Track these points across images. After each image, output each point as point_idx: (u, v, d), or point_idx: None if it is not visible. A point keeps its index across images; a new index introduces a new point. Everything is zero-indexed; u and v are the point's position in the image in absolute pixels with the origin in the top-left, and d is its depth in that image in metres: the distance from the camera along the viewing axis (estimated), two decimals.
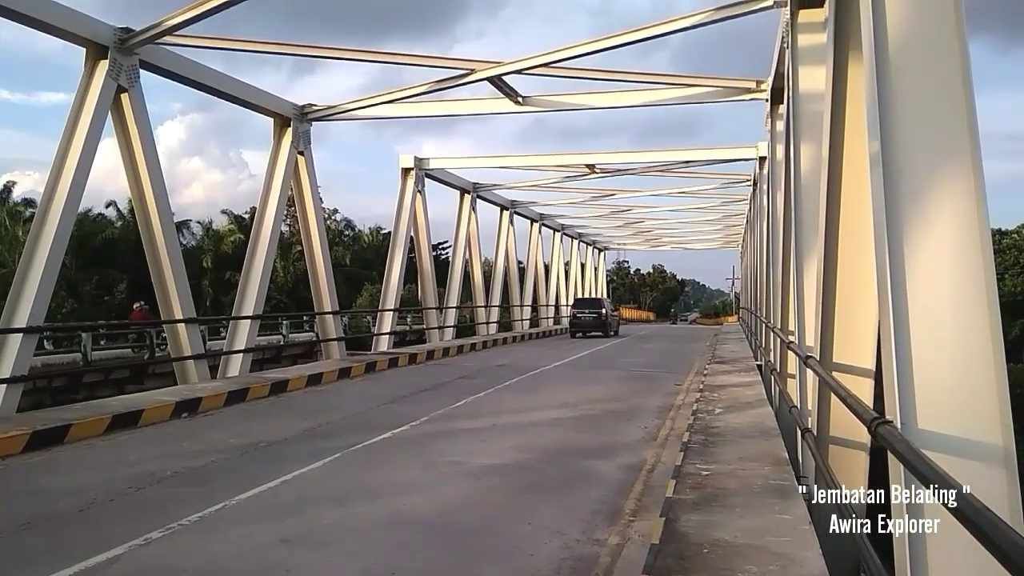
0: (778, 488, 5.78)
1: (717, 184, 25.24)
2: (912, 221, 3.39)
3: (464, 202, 23.66)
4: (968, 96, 3.41)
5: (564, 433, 8.79)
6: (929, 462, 2.37)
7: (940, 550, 2.82)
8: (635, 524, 5.35)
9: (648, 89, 14.71)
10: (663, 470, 6.78)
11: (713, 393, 11.33)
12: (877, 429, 3.02)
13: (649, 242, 47.59)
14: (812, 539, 4.56)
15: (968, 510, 1.91)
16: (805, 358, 6.27)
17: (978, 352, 3.17)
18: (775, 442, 7.57)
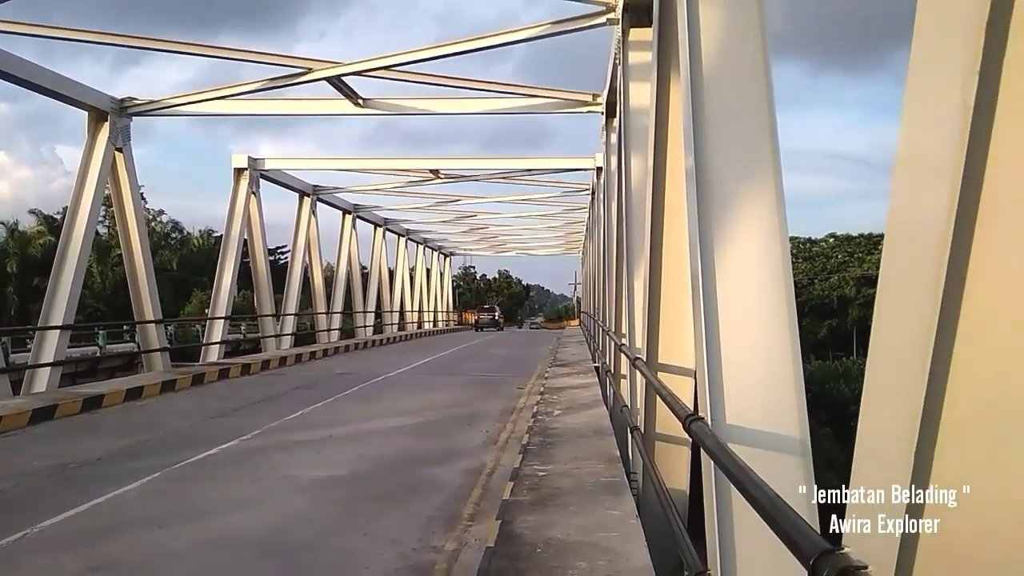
0: (609, 485, 6.02)
1: (559, 192, 26.06)
2: (722, 231, 3.63)
3: (303, 205, 22.87)
4: (771, 115, 3.69)
5: (404, 441, 8.69)
6: (733, 455, 2.53)
7: (744, 538, 3.03)
8: (472, 528, 5.37)
9: (492, 98, 14.94)
10: (502, 473, 6.86)
11: (553, 395, 11.64)
12: (690, 425, 3.21)
13: (495, 248, 48.31)
14: (639, 533, 4.78)
15: (763, 499, 2.06)
16: (634, 359, 6.59)
17: (779, 352, 3.43)
18: (609, 441, 7.88)
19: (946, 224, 1.24)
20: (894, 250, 1.47)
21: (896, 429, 1.40)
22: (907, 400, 1.35)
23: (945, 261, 1.26)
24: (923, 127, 1.36)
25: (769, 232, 3.56)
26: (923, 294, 1.31)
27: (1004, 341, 1.33)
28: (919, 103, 1.36)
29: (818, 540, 1.65)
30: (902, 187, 1.43)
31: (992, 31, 1.16)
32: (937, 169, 1.29)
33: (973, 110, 1.17)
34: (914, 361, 1.34)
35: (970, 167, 1.21)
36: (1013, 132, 1.23)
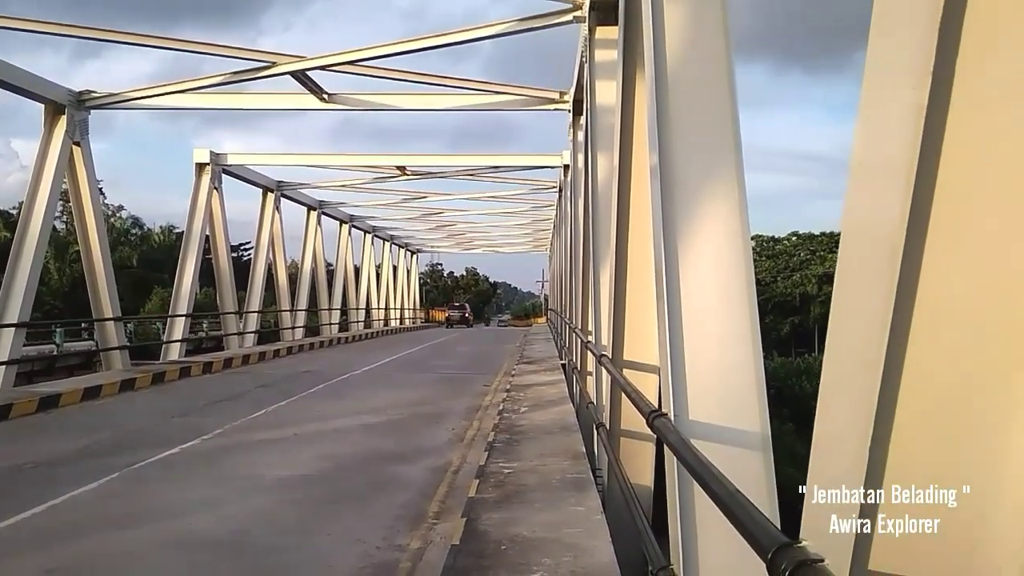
0: (575, 481, 6.04)
1: (526, 189, 26.08)
2: (685, 229, 3.66)
3: (267, 201, 22.57)
4: (734, 114, 3.73)
5: (370, 439, 8.63)
6: (695, 451, 2.55)
7: (706, 533, 3.06)
8: (438, 526, 5.35)
9: (459, 94, 14.90)
10: (468, 470, 6.85)
11: (519, 392, 11.66)
12: (654, 421, 3.23)
13: (462, 245, 48.21)
14: (603, 529, 4.81)
15: (723, 494, 2.08)
16: (600, 356, 6.62)
17: (741, 349, 3.47)
18: (575, 437, 7.92)
19: (900, 223, 1.27)
20: (850, 250, 1.50)
21: (851, 426, 1.43)
22: (862, 397, 1.38)
23: (899, 260, 1.28)
24: (878, 127, 1.39)
25: (731, 230, 3.60)
26: (877, 294, 1.34)
27: (955, 339, 1.36)
28: (874, 104, 1.38)
29: (776, 534, 1.67)
30: (857, 187, 1.45)
31: (945, 32, 1.18)
32: (891, 169, 1.31)
33: (926, 110, 1.19)
34: (869, 360, 1.36)
35: (923, 167, 1.24)
36: (965, 132, 1.26)
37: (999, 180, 1.30)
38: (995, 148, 1.28)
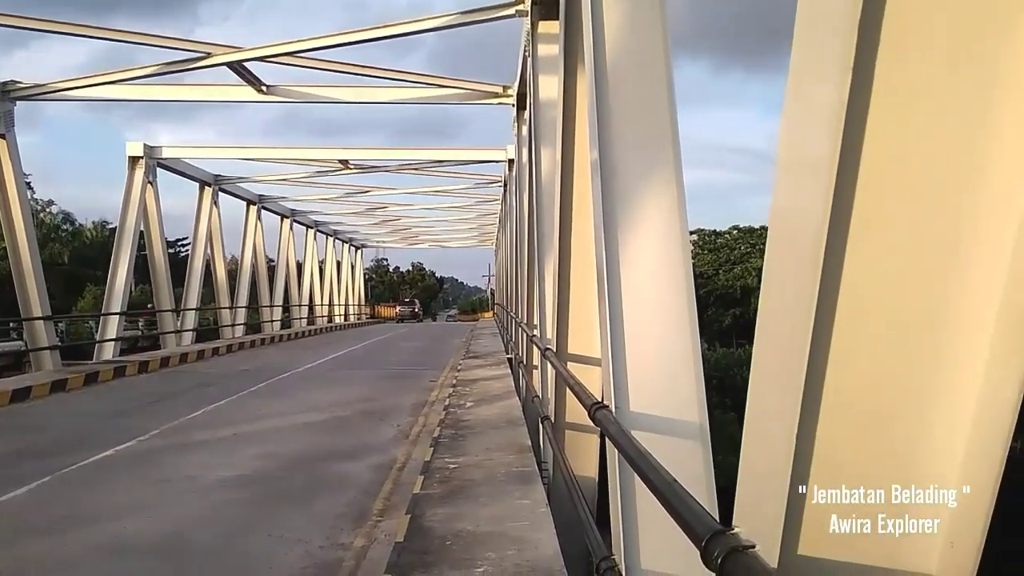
0: (520, 475, 6.07)
1: (471, 184, 26.00)
2: (625, 223, 3.70)
3: (204, 195, 21.99)
4: (672, 110, 3.78)
5: (313, 437, 8.50)
6: (634, 441, 2.59)
7: (646, 523, 3.11)
8: (382, 524, 5.31)
9: (402, 87, 14.77)
10: (413, 467, 6.81)
11: (466, 388, 11.64)
12: (595, 413, 3.27)
13: (407, 240, 47.83)
14: (548, 521, 4.84)
15: (660, 483, 2.12)
16: (544, 350, 6.66)
17: (680, 341, 3.53)
18: (520, 431, 7.95)
19: (822, 218, 1.30)
20: (776, 244, 1.53)
21: (779, 416, 1.47)
22: (788, 388, 1.42)
23: (821, 255, 1.32)
24: (801, 124, 1.42)
25: (670, 224, 3.65)
26: (802, 288, 1.37)
27: (877, 331, 1.41)
28: (798, 100, 1.42)
29: (710, 521, 1.71)
30: (783, 182, 1.49)
31: (865, 29, 1.21)
32: (813, 165, 1.35)
33: (847, 107, 1.23)
34: (794, 351, 1.40)
35: (844, 163, 1.27)
36: (884, 129, 1.30)
37: (917, 176, 1.35)
38: (913, 144, 1.33)
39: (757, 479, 1.61)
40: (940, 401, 1.47)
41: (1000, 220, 1.37)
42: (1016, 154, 1.32)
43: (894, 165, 1.31)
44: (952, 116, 1.32)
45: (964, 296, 1.41)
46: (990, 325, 1.41)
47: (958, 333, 1.43)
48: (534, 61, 8.64)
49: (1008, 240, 1.38)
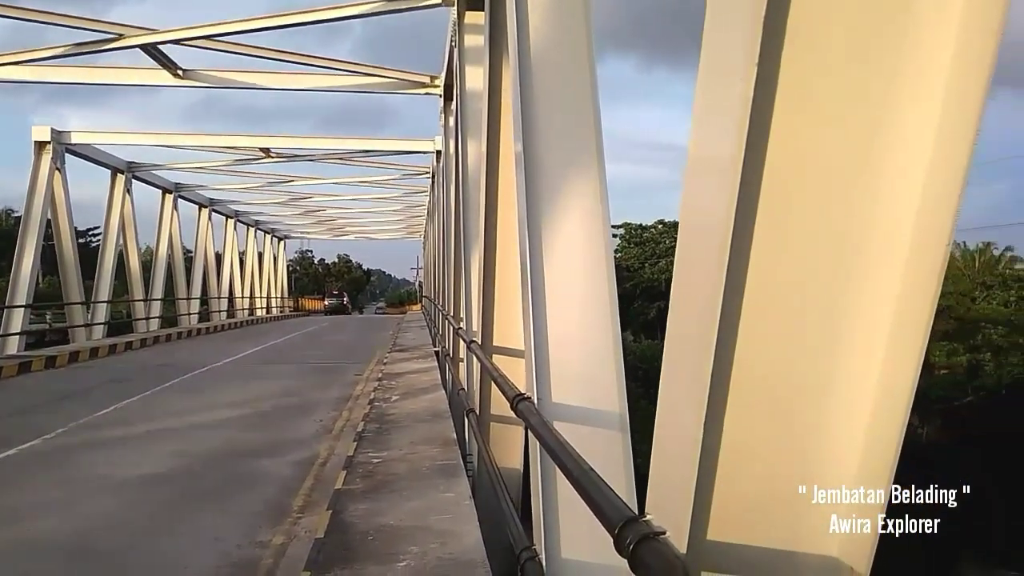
0: (445, 468, 6.05)
1: (399, 175, 25.69)
2: (549, 216, 3.72)
3: (117, 183, 21.02)
4: (595, 104, 3.82)
5: (231, 434, 8.27)
6: (553, 432, 2.61)
7: (566, 512, 3.14)
8: (303, 520, 5.21)
9: (327, 75, 14.46)
10: (336, 462, 6.70)
11: (391, 381, 11.53)
12: (518, 405, 3.28)
13: (333, 231, 46.95)
14: (472, 514, 4.84)
15: (577, 472, 2.14)
16: (469, 342, 6.64)
17: (601, 333, 3.57)
18: (446, 424, 7.92)
19: (727, 215, 1.33)
20: (685, 241, 1.56)
21: (688, 404, 1.50)
22: (697, 378, 1.44)
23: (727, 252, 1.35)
24: (709, 119, 1.45)
25: (592, 217, 3.69)
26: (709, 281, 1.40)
27: (780, 326, 1.46)
28: (707, 95, 1.45)
29: (624, 509, 1.73)
30: (692, 177, 1.51)
31: (771, 21, 1.24)
32: (720, 159, 1.38)
33: (752, 103, 1.25)
34: (702, 344, 1.43)
35: (749, 158, 1.30)
36: (788, 124, 1.33)
37: (819, 171, 1.39)
38: (816, 140, 1.37)
39: (668, 467, 1.64)
40: (841, 391, 1.53)
41: (898, 215, 1.43)
42: (914, 149, 1.38)
43: (797, 161, 1.35)
44: (854, 111, 1.36)
45: (863, 291, 1.46)
46: (887, 319, 1.47)
47: (857, 326, 1.48)
48: (460, 52, 8.59)
49: (905, 235, 1.43)
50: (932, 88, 1.33)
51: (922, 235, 1.41)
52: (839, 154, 1.38)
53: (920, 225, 1.41)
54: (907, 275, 1.44)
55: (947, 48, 1.31)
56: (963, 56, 1.30)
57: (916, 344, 1.47)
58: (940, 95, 1.33)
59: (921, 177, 1.38)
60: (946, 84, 1.32)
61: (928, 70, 1.32)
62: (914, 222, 1.42)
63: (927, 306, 1.44)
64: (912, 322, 1.46)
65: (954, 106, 1.33)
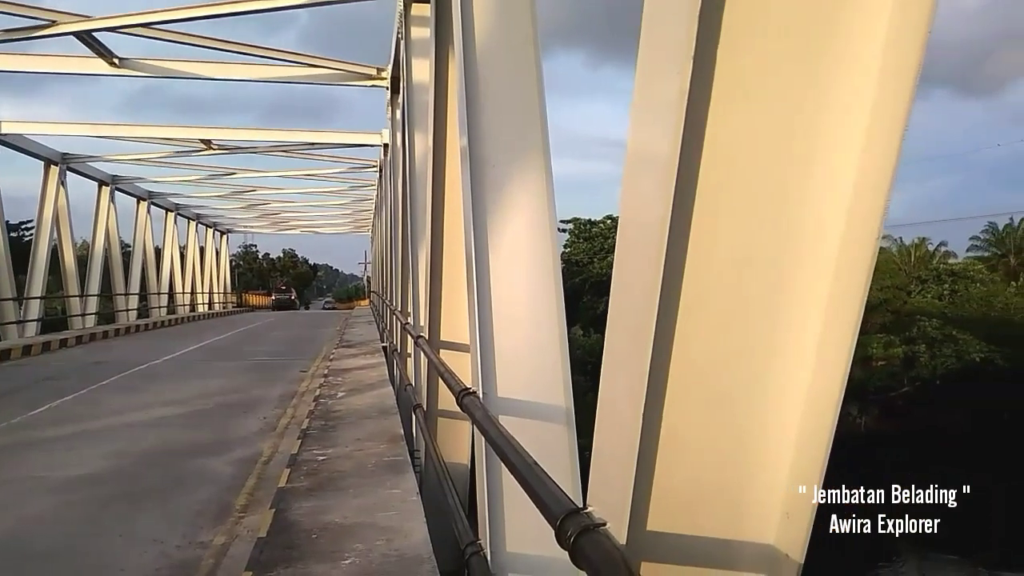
0: (392, 464, 6.01)
1: (345, 168, 25.35)
2: (494, 211, 3.71)
3: (50, 175, 20.24)
4: (541, 99, 3.82)
5: (171, 433, 8.05)
6: (498, 426, 2.61)
7: (511, 506, 3.15)
8: (245, 520, 5.11)
9: (271, 65, 14.17)
10: (280, 460, 6.59)
11: (338, 377, 11.39)
12: (463, 400, 3.27)
13: (278, 225, 46.08)
14: (419, 510, 4.81)
15: (521, 466, 2.14)
16: (417, 337, 6.61)
17: (547, 327, 3.59)
18: (393, 420, 7.86)
19: (665, 211, 1.34)
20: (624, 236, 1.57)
21: (627, 396, 1.51)
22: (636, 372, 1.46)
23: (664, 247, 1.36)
24: (647, 113, 1.46)
25: (539, 212, 3.69)
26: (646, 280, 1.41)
27: (715, 320, 1.48)
28: (645, 89, 1.46)
29: (566, 502, 1.74)
30: (631, 172, 1.52)
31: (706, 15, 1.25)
32: (657, 154, 1.39)
33: (688, 96, 1.26)
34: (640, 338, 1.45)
35: (686, 152, 1.31)
36: (724, 118, 1.35)
37: (754, 167, 1.41)
38: (751, 135, 1.39)
39: (609, 460, 1.66)
40: (776, 383, 1.56)
41: (830, 211, 1.46)
42: (845, 146, 1.41)
43: (733, 157, 1.37)
44: (788, 108, 1.39)
45: (797, 285, 1.49)
46: (820, 313, 1.51)
47: (791, 320, 1.51)
48: (407, 44, 8.51)
49: (838, 230, 1.47)
50: (863, 87, 1.36)
51: (853, 230, 1.45)
52: (773, 150, 1.41)
53: (851, 220, 1.44)
54: (839, 270, 1.48)
55: (877, 47, 1.34)
56: (892, 55, 1.33)
57: (847, 338, 1.51)
58: (871, 93, 1.36)
59: (852, 174, 1.42)
60: (877, 82, 1.35)
61: (859, 69, 1.35)
62: (846, 217, 1.45)
63: (857, 301, 1.48)
64: (843, 316, 1.50)
65: (884, 104, 1.36)
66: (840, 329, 1.51)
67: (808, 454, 1.58)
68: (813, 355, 1.53)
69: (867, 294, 1.48)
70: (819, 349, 1.53)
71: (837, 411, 1.56)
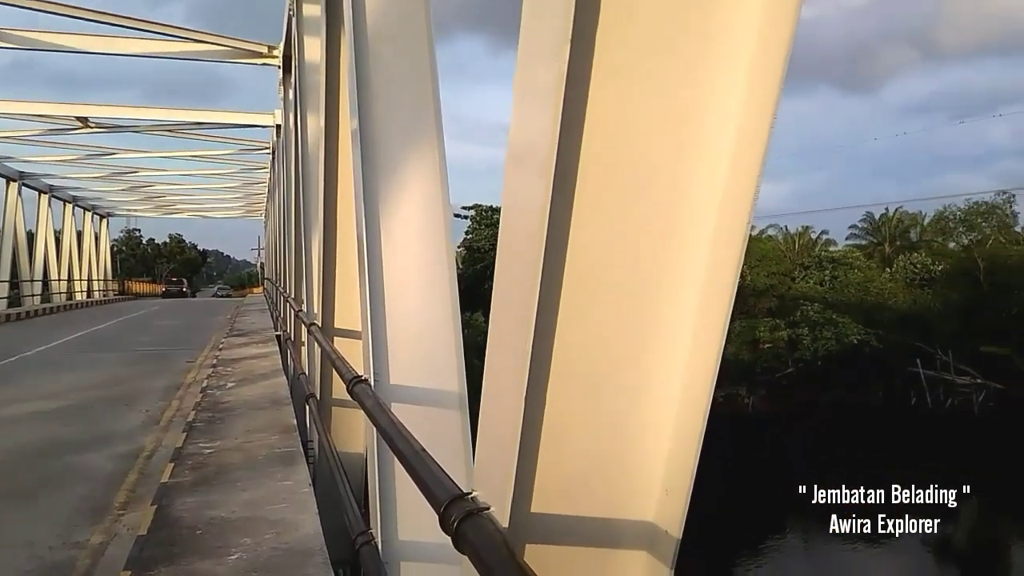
0: (283, 456, 5.85)
1: (236, 150, 24.34)
2: (386, 195, 3.65)
3: None
4: (434, 85, 3.77)
5: (45, 428, 7.55)
6: (388, 413, 2.58)
7: (402, 494, 3.13)
8: (124, 517, 4.86)
9: (154, 39, 13.41)
10: (163, 454, 6.29)
11: (227, 367, 10.98)
12: (354, 388, 3.21)
13: (162, 209, 43.82)
14: (311, 501, 4.71)
15: (408, 453, 2.12)
16: (309, 325, 6.44)
17: (440, 312, 3.56)
18: (286, 411, 7.65)
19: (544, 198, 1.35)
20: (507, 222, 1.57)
21: (510, 382, 1.52)
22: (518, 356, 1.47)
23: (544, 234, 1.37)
24: (527, 98, 1.46)
25: (431, 197, 3.65)
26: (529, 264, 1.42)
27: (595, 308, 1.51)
28: (525, 72, 1.45)
29: (451, 487, 1.74)
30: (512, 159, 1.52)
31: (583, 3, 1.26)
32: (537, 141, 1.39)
33: (567, 80, 1.27)
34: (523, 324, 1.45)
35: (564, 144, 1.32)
36: (603, 109, 1.37)
37: (631, 156, 1.44)
38: (628, 124, 1.41)
39: (493, 444, 1.66)
40: (655, 364, 1.60)
41: (706, 196, 1.50)
42: (720, 132, 1.45)
43: (611, 141, 1.39)
44: (665, 95, 1.41)
45: (673, 271, 1.53)
46: (695, 295, 1.56)
47: (668, 306, 1.55)
48: (299, 21, 8.25)
49: (712, 215, 1.51)
50: (735, 74, 1.39)
51: (726, 215, 1.50)
52: (651, 137, 1.43)
53: (725, 206, 1.49)
54: (714, 254, 1.53)
55: (750, 36, 1.37)
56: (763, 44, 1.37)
57: (720, 321, 1.56)
58: (743, 80, 1.40)
59: (726, 160, 1.46)
60: (748, 69, 1.39)
61: (731, 57, 1.38)
62: (720, 203, 1.50)
63: (729, 285, 1.53)
64: (717, 300, 1.55)
65: (755, 92, 1.40)
66: (714, 312, 1.56)
67: (686, 432, 1.63)
68: (690, 337, 1.58)
69: (738, 279, 1.54)
70: (695, 331, 1.58)
71: (712, 390, 1.62)
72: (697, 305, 1.56)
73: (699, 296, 1.55)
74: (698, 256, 1.52)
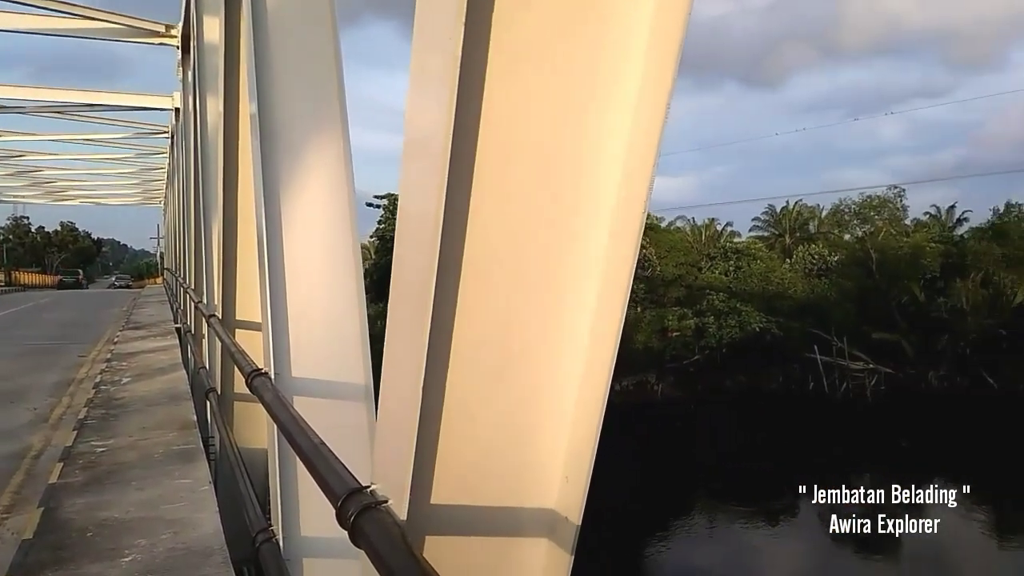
0: (182, 453, 5.63)
1: (132, 134, 23.11)
2: (288, 183, 3.53)
3: None
4: (339, 70, 3.66)
5: None
6: (288, 408, 2.50)
7: (304, 490, 3.05)
8: (8, 521, 4.56)
9: (43, 15, 12.53)
10: (52, 454, 5.95)
11: (123, 362, 10.48)
12: (253, 381, 3.10)
13: (53, 196, 41.27)
14: (211, 500, 4.55)
15: (307, 447, 2.07)
16: (208, 317, 6.19)
17: (344, 302, 3.49)
18: (185, 406, 7.36)
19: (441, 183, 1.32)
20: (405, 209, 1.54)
21: (408, 371, 1.49)
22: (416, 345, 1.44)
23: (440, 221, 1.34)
24: (422, 80, 1.43)
25: (335, 187, 3.56)
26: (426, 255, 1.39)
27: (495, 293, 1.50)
28: (421, 53, 1.42)
29: (349, 480, 1.70)
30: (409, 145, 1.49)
31: None
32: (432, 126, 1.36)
33: (460, 62, 1.24)
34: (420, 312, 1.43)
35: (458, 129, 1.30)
36: (498, 95, 1.35)
37: (528, 138, 1.43)
38: (524, 110, 1.40)
39: (392, 435, 1.63)
40: (554, 352, 1.61)
41: (603, 184, 1.51)
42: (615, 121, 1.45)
43: (507, 129, 1.37)
44: (560, 83, 1.40)
45: (572, 257, 1.54)
46: (595, 282, 1.57)
47: (567, 290, 1.56)
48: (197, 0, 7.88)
49: (609, 203, 1.52)
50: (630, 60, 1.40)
51: (623, 204, 1.51)
52: (546, 125, 1.42)
53: (621, 194, 1.50)
54: (611, 241, 1.54)
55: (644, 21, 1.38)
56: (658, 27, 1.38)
57: (617, 308, 1.58)
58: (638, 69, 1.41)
59: (622, 148, 1.47)
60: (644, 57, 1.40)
61: (626, 42, 1.39)
62: (616, 191, 1.51)
63: (626, 271, 1.55)
64: (614, 286, 1.57)
65: (649, 82, 1.41)
66: (612, 301, 1.58)
67: (585, 419, 1.65)
68: (588, 326, 1.59)
69: (635, 265, 1.56)
70: (593, 321, 1.59)
71: (610, 377, 1.64)
72: (596, 294, 1.57)
73: (597, 285, 1.56)
74: (596, 245, 1.53)
